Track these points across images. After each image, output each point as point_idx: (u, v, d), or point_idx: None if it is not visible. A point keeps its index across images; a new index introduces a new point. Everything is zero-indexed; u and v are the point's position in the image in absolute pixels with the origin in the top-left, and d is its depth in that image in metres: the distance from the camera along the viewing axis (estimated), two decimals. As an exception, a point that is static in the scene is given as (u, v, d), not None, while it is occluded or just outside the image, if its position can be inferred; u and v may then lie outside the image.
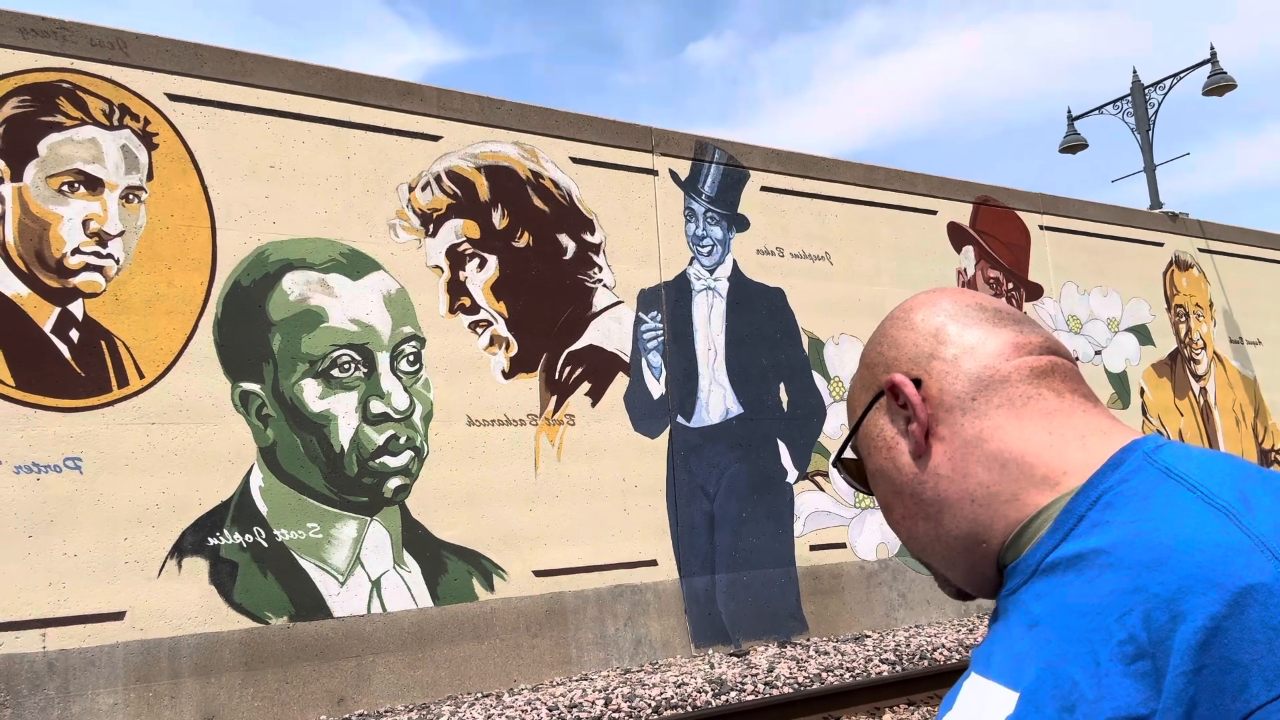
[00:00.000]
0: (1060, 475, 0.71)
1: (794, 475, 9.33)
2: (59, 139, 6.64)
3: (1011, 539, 0.72)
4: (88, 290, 6.60)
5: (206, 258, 7.05)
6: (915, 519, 0.79)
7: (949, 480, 0.75)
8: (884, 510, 0.84)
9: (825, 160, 10.27)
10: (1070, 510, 0.68)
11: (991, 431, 0.74)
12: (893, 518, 0.82)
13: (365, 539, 7.25)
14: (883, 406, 0.82)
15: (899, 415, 0.80)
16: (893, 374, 0.80)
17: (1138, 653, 0.57)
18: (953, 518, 0.75)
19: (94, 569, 6.38)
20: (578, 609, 7.98)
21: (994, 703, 0.65)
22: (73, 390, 6.48)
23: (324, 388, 7.26)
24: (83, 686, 6.19)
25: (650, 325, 8.79)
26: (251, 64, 7.42)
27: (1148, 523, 0.62)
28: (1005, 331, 0.78)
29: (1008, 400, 0.75)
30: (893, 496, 0.81)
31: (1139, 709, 0.56)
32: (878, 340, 0.85)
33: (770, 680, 7.15)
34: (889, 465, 0.80)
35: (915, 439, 0.77)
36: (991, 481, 0.73)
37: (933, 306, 0.82)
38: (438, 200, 7.99)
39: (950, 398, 0.76)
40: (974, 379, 0.76)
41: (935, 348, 0.79)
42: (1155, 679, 0.56)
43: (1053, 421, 0.73)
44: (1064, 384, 0.76)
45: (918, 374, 0.79)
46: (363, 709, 6.90)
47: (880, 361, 0.83)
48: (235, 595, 6.75)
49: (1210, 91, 13.58)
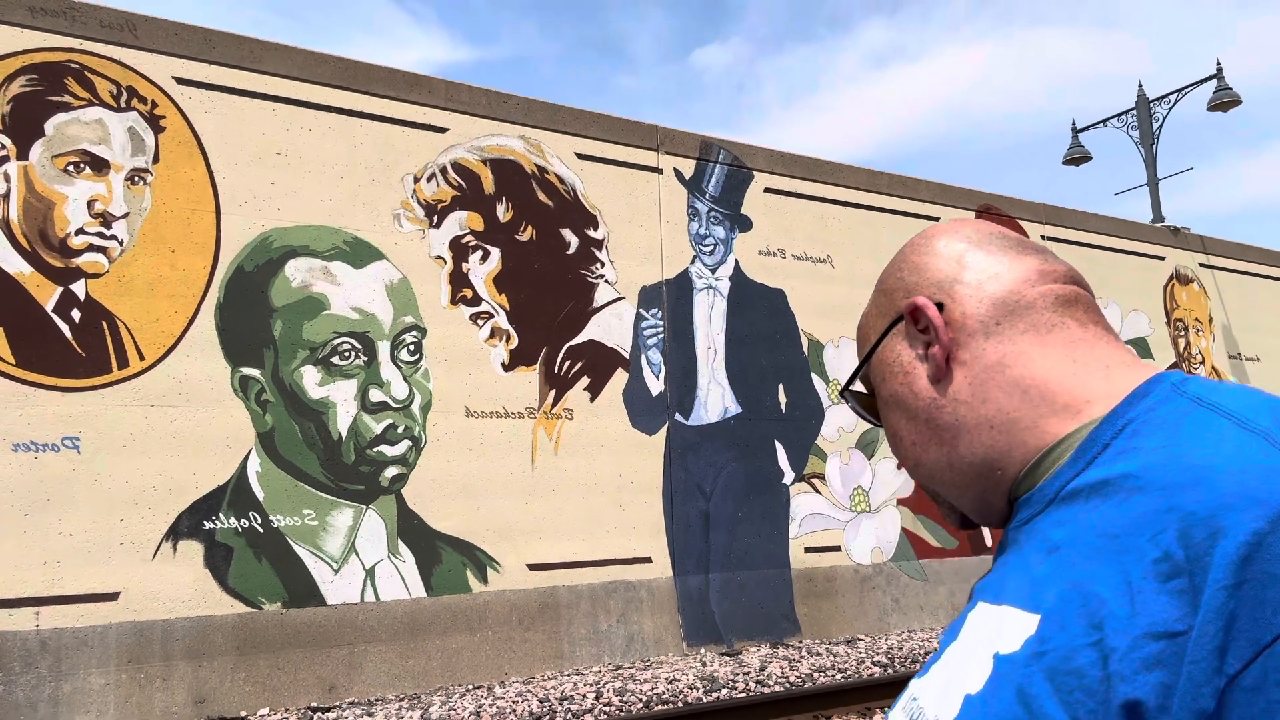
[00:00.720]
0: (1083, 404, 0.69)
1: (790, 477, 9.34)
2: (66, 119, 6.65)
3: (1029, 468, 0.70)
4: (90, 271, 6.61)
5: (210, 242, 7.06)
6: (928, 445, 0.77)
7: (968, 405, 0.74)
8: (892, 439, 0.82)
9: (829, 164, 10.30)
10: (1094, 438, 0.66)
11: (1014, 357, 0.73)
12: (902, 446, 0.81)
13: (361, 527, 7.25)
14: (900, 332, 0.80)
15: (918, 339, 0.78)
16: (914, 297, 0.78)
17: (1173, 570, 0.55)
18: (968, 444, 0.74)
19: (89, 549, 6.38)
20: (571, 604, 7.98)
21: (1012, 626, 0.63)
22: (73, 370, 6.48)
23: (324, 375, 7.27)
24: (75, 666, 6.19)
25: (651, 322, 8.81)
26: (261, 50, 7.44)
27: (1180, 447, 0.60)
28: (1029, 259, 0.77)
29: (1032, 326, 0.73)
30: (905, 423, 0.79)
31: (1175, 625, 0.54)
32: (897, 266, 0.83)
33: (762, 679, 7.16)
34: (905, 390, 0.79)
35: (936, 362, 0.76)
36: (1012, 408, 0.72)
37: (955, 233, 0.81)
38: (443, 192, 8.00)
39: (973, 321, 0.75)
40: (998, 303, 0.75)
41: (958, 272, 0.78)
42: (1192, 595, 0.54)
43: (1077, 350, 0.72)
44: (1087, 314, 0.75)
45: (940, 298, 0.77)
46: (354, 697, 6.90)
47: (900, 287, 0.81)
48: (229, 580, 6.75)
49: (1215, 106, 13.61)
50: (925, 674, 0.74)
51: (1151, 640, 0.55)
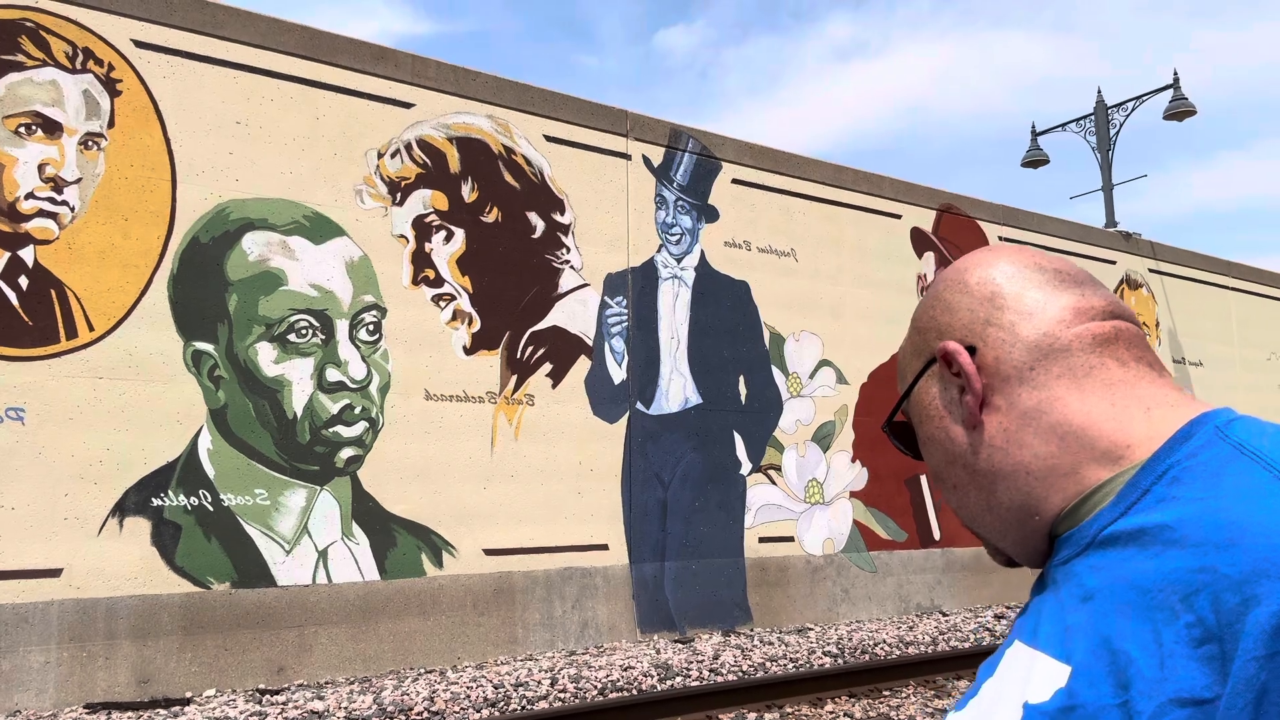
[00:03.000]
0: (1124, 449, 0.67)
1: (748, 468, 9.40)
2: (18, 79, 6.40)
3: (1069, 511, 0.69)
4: (40, 237, 6.38)
5: (165, 211, 6.86)
6: (967, 489, 0.76)
7: (1003, 452, 0.72)
8: (936, 478, 0.80)
9: (796, 158, 10.32)
10: (1134, 484, 0.65)
11: (1051, 403, 0.71)
12: (945, 486, 0.79)
13: (314, 508, 7.14)
14: (935, 374, 0.78)
15: (952, 384, 0.76)
16: (946, 341, 0.76)
17: (1205, 636, 0.54)
18: (1006, 490, 0.72)
19: (31, 524, 6.19)
20: (526, 589, 7.96)
21: (1043, 674, 0.63)
22: (18, 339, 6.27)
23: (279, 352, 7.12)
24: (14, 643, 6.01)
25: (615, 310, 8.77)
26: (223, 16, 7.23)
27: (1218, 500, 0.59)
28: (1066, 295, 0.74)
29: (1068, 370, 0.71)
30: (945, 465, 0.78)
31: (1203, 693, 0.53)
32: (930, 304, 0.80)
33: (715, 668, 7.21)
34: (941, 434, 0.77)
35: (969, 410, 0.74)
36: (1049, 455, 0.70)
37: (989, 268, 0.78)
38: (407, 169, 7.87)
39: (1007, 367, 0.73)
40: (1032, 347, 0.72)
41: (991, 313, 0.75)
42: (1222, 663, 0.53)
43: (1116, 392, 0.70)
44: (1128, 352, 0.72)
45: (972, 341, 0.75)
46: (303, 679, 6.81)
47: (933, 327, 0.79)
48: (177, 558, 6.60)
49: (1171, 115, 13.91)
50: (962, 709, 0.73)
51: (1178, 707, 0.54)
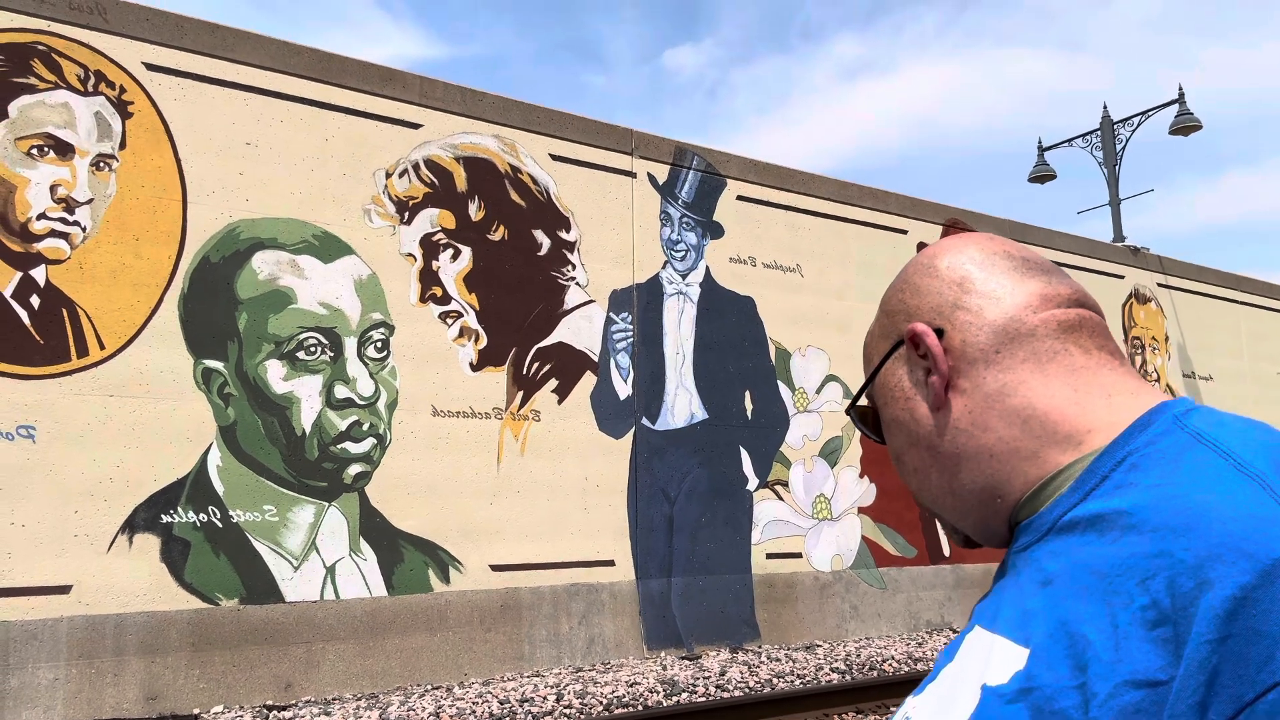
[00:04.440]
0: (1084, 434, 0.69)
1: (754, 483, 9.40)
2: (30, 101, 6.52)
3: (1029, 496, 0.70)
4: (52, 257, 6.48)
5: (176, 231, 6.95)
6: (929, 470, 0.77)
7: (967, 434, 0.73)
8: (895, 460, 0.82)
9: (801, 174, 10.38)
10: (1093, 470, 0.66)
11: (1015, 386, 0.72)
12: (905, 468, 0.81)
13: (322, 524, 7.18)
14: (902, 356, 0.79)
15: (918, 365, 0.77)
16: (914, 323, 0.77)
17: (1160, 618, 0.55)
18: (969, 472, 0.74)
19: (42, 540, 6.25)
20: (533, 605, 7.96)
21: (1002, 657, 0.63)
22: (30, 357, 6.35)
23: (288, 369, 7.19)
24: (23, 660, 6.05)
25: (620, 326, 8.82)
26: (233, 39, 7.34)
27: (1175, 487, 0.60)
28: (1032, 282, 0.76)
29: (1033, 355, 0.72)
30: (907, 447, 0.79)
31: (1158, 674, 0.54)
32: (899, 287, 0.82)
33: (722, 684, 7.19)
34: (905, 416, 0.78)
35: (935, 391, 0.75)
36: (1012, 437, 0.71)
37: (958, 253, 0.79)
38: (415, 188, 7.95)
39: (974, 350, 0.74)
40: (998, 331, 0.74)
41: (959, 296, 0.76)
42: (1175, 646, 0.54)
43: (1078, 378, 0.71)
44: (1091, 340, 0.74)
45: (940, 324, 0.76)
46: (310, 695, 6.82)
47: (901, 309, 0.80)
48: (186, 574, 6.64)
49: (1177, 130, 13.92)
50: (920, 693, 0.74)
51: (1133, 688, 0.54)
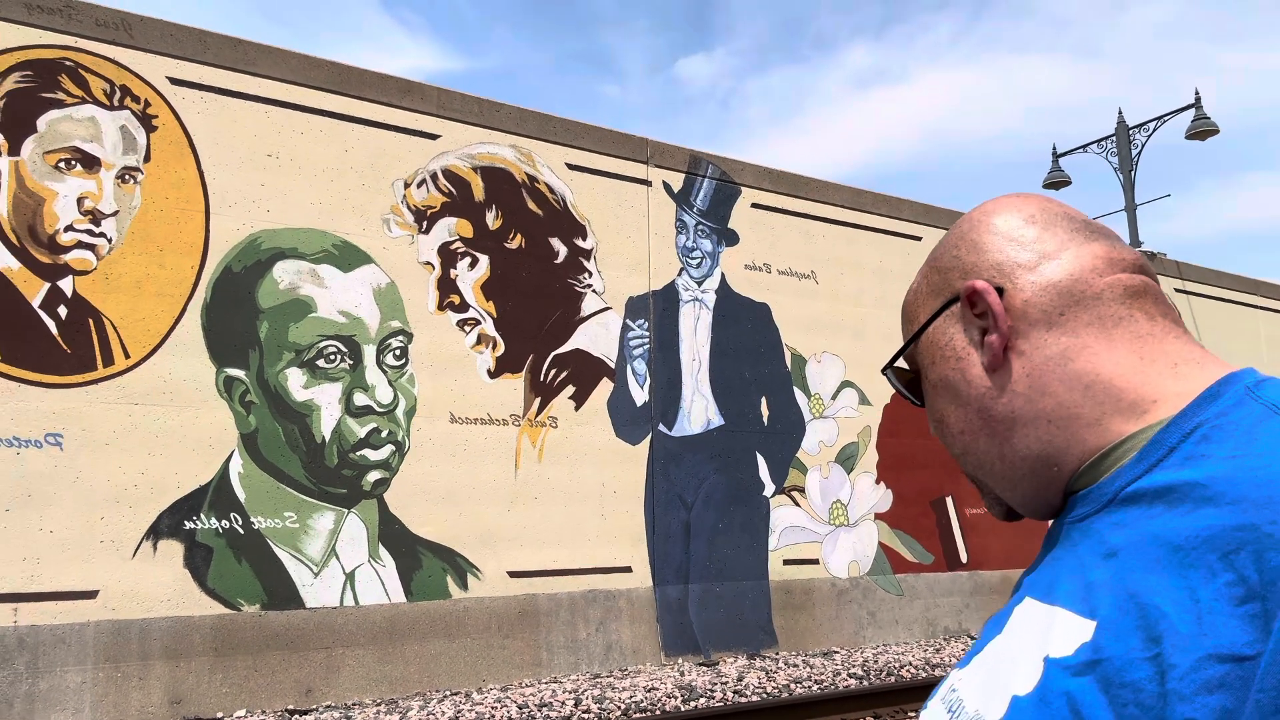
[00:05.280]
0: (1150, 404, 0.66)
1: (771, 489, 9.42)
2: (58, 116, 6.66)
3: (1088, 465, 0.68)
4: (78, 268, 6.61)
5: (199, 242, 7.07)
6: (978, 435, 0.73)
7: (1024, 398, 0.70)
8: (937, 424, 0.78)
9: (815, 181, 10.43)
10: (1159, 441, 0.63)
11: (1078, 351, 0.69)
12: (949, 432, 0.77)
13: (342, 531, 7.26)
14: (954, 314, 0.75)
15: (974, 324, 0.73)
16: (973, 280, 0.73)
17: (1248, 594, 0.52)
18: (1023, 437, 0.70)
19: (69, 546, 6.36)
20: (550, 611, 8.01)
21: (1064, 629, 0.61)
22: (58, 366, 6.47)
23: (309, 377, 7.28)
24: (51, 663, 6.15)
25: (637, 333, 8.88)
26: (255, 53, 7.47)
27: (1255, 459, 0.57)
28: (1097, 244, 0.73)
29: (1098, 319, 0.69)
30: (954, 409, 0.75)
31: (1244, 649, 0.52)
32: (954, 244, 0.78)
33: (739, 689, 7.21)
34: (956, 377, 0.74)
35: (993, 351, 0.71)
36: (1072, 403, 0.68)
37: (1019, 211, 0.75)
38: (433, 198, 8.05)
39: (1035, 311, 0.71)
40: (1062, 292, 0.70)
41: (1021, 255, 0.73)
42: (1265, 621, 0.52)
43: (1144, 345, 0.68)
44: (1155, 307, 0.71)
45: (1000, 282, 0.72)
46: (331, 700, 6.89)
47: (956, 265, 0.76)
48: (209, 580, 6.74)
49: (1193, 135, 13.88)
50: (966, 665, 0.73)
51: (1217, 662, 0.52)
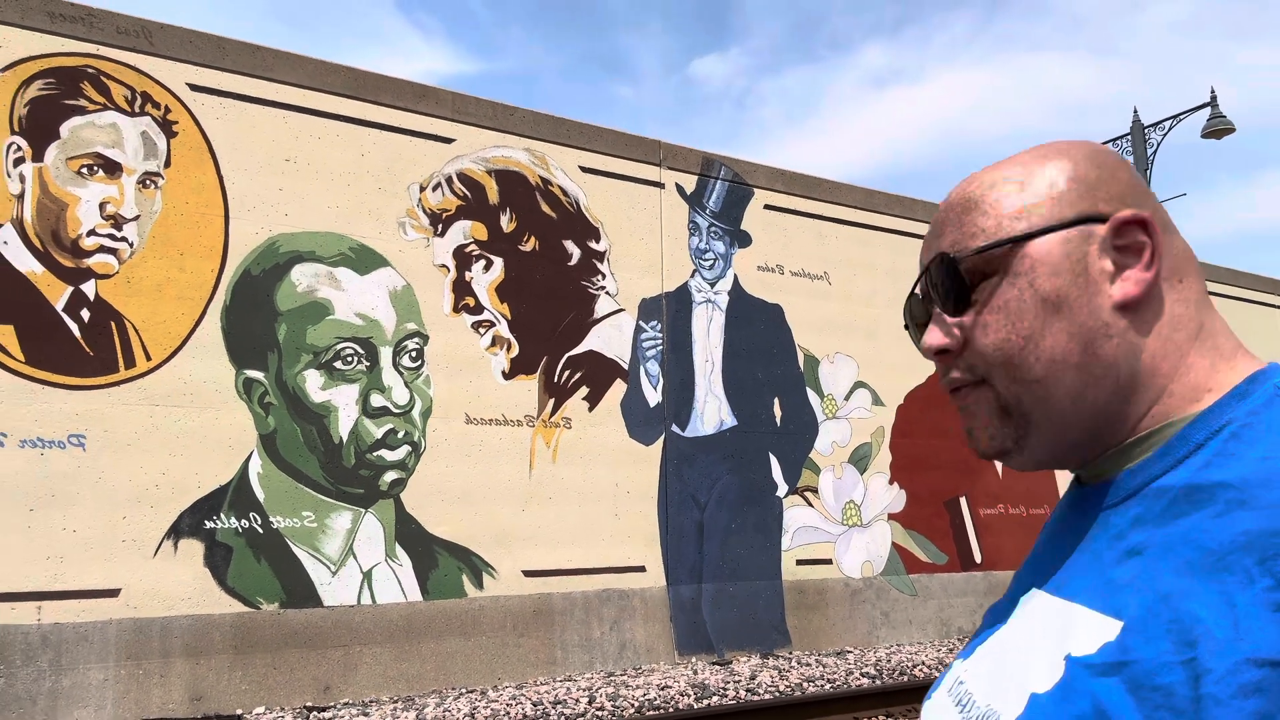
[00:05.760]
0: (1204, 393, 0.65)
1: (784, 489, 9.45)
2: (81, 122, 6.77)
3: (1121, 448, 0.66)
4: (100, 271, 6.72)
5: (218, 246, 7.17)
6: (1068, 367, 0.66)
7: (1130, 349, 0.66)
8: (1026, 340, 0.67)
9: (827, 182, 10.45)
10: (1184, 436, 0.63)
11: (1183, 321, 0.66)
12: (1037, 351, 0.67)
13: (359, 530, 7.34)
14: (1087, 233, 0.67)
15: (1109, 254, 0.66)
16: (1135, 211, 0.66)
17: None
18: (1107, 387, 0.66)
19: (91, 545, 6.46)
20: (565, 610, 8.07)
21: (1086, 627, 0.60)
22: (80, 368, 6.58)
23: (326, 379, 7.38)
24: (74, 661, 6.26)
25: (650, 334, 8.93)
26: (272, 59, 7.57)
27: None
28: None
29: (1200, 296, 0.68)
30: (1056, 332, 0.66)
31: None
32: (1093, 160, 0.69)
33: (752, 687, 7.25)
34: (1080, 298, 0.66)
35: (1140, 287, 0.65)
36: (1163, 372, 0.65)
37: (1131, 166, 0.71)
38: (448, 201, 8.13)
39: (1166, 269, 0.67)
40: (1185, 260, 0.68)
41: (1156, 209, 0.68)
42: None
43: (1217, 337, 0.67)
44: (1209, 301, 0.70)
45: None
46: (348, 698, 6.98)
47: (1103, 186, 0.68)
48: (228, 579, 6.83)
49: (1209, 134, 13.81)
50: (969, 655, 0.73)
51: (1255, 667, 0.51)
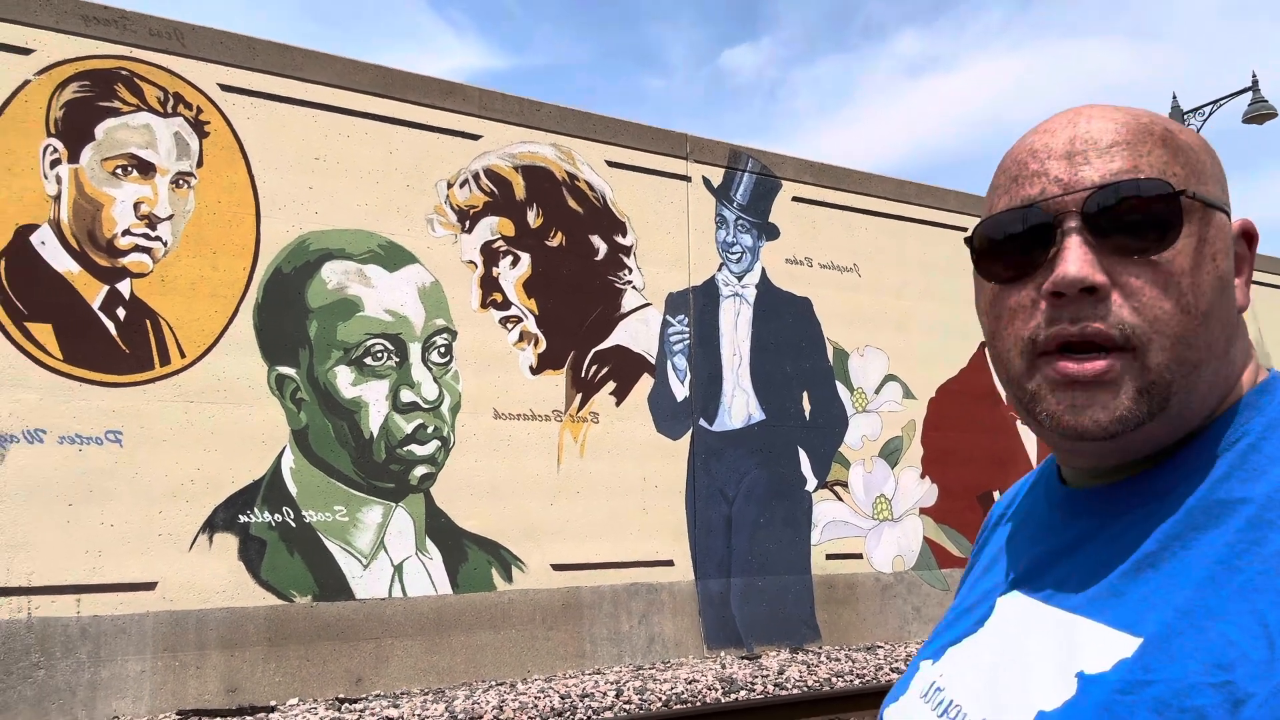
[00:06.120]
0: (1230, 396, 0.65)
1: (813, 483, 9.41)
2: (115, 124, 6.89)
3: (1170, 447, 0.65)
4: (136, 270, 6.84)
5: (250, 244, 7.27)
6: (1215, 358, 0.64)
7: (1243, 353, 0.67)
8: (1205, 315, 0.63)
9: (857, 173, 10.36)
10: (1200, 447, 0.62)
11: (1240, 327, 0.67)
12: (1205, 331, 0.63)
13: (390, 524, 7.42)
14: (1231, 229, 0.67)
15: (1230, 253, 0.66)
16: (1249, 221, 0.69)
17: None
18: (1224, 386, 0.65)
19: (128, 540, 6.59)
20: (593, 604, 8.10)
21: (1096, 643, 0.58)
22: (117, 366, 6.70)
23: (357, 375, 7.45)
24: (113, 652, 6.40)
25: (677, 328, 8.92)
26: (301, 59, 7.65)
27: None
28: None
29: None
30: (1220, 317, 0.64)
31: None
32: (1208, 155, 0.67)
33: (780, 682, 7.24)
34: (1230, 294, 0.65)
35: (1242, 301, 0.67)
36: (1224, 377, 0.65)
37: None
38: (475, 197, 8.18)
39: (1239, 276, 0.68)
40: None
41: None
42: None
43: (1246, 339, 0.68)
44: None
45: None
46: (380, 689, 7.06)
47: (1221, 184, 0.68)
48: (262, 572, 6.94)
49: (1250, 119, 13.51)
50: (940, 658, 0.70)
51: None
